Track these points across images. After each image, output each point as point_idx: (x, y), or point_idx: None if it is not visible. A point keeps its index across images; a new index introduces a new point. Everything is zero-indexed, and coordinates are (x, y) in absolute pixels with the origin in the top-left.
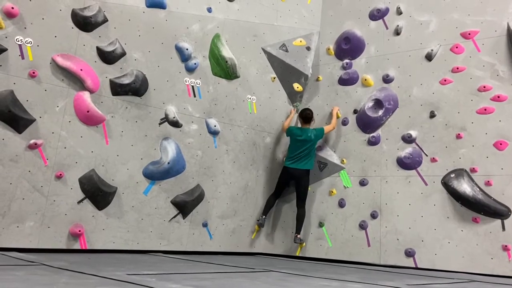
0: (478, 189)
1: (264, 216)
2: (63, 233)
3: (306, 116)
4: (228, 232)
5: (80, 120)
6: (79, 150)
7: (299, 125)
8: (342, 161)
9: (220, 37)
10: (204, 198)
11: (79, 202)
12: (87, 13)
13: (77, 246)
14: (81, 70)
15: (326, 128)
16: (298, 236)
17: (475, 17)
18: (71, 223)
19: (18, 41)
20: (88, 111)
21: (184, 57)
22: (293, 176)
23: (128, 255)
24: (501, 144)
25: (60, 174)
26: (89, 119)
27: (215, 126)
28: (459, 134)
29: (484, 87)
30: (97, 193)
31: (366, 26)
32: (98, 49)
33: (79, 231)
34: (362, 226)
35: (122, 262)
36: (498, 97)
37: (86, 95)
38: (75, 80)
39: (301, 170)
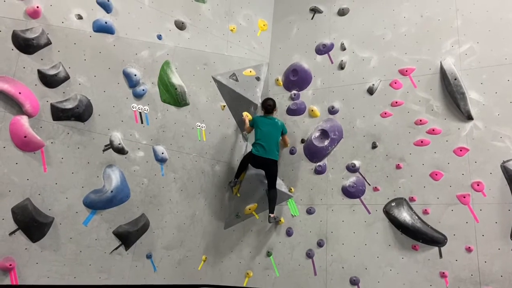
0: (416, 217)
1: (236, 179)
2: None
3: (267, 106)
4: (173, 264)
5: (16, 145)
6: (13, 177)
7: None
8: (290, 190)
9: (170, 64)
10: (149, 228)
11: (10, 233)
12: (29, 35)
13: (7, 281)
14: (20, 93)
15: (286, 136)
16: (272, 215)
17: (412, 56)
18: (1, 256)
19: None
20: (25, 136)
21: (132, 83)
22: (263, 165)
23: None
24: (436, 174)
25: None
26: (26, 145)
27: (162, 153)
28: (398, 164)
29: (420, 120)
30: (32, 224)
31: (312, 59)
32: (39, 72)
33: (10, 265)
34: (309, 255)
35: None
36: (433, 130)
37: (24, 119)
38: (13, 103)
39: (270, 160)
